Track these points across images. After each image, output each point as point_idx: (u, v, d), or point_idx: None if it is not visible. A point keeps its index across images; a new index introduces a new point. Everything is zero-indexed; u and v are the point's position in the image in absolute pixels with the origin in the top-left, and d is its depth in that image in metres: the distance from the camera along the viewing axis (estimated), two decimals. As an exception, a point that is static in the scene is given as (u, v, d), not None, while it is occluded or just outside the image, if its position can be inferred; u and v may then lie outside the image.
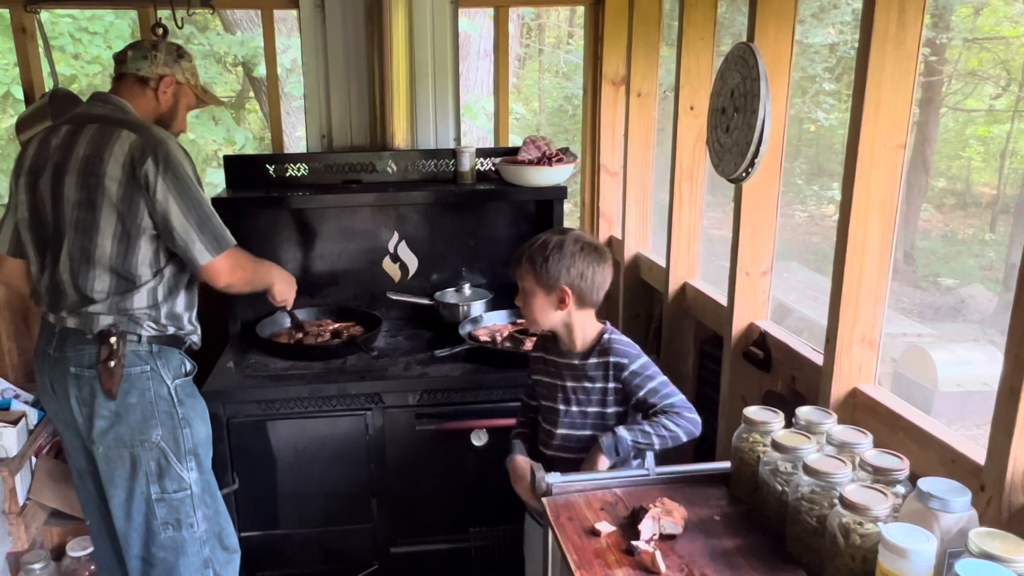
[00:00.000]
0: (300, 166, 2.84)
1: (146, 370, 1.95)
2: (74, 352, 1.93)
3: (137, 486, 1.97)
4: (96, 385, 1.92)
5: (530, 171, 2.73)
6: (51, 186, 1.94)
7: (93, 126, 1.95)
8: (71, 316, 1.93)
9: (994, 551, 1.04)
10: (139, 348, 1.95)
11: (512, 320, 2.78)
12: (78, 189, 1.90)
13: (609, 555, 1.33)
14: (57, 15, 6.31)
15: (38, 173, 1.96)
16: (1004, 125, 9.83)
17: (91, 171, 1.89)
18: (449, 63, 2.92)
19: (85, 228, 1.90)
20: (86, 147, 1.91)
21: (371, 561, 2.54)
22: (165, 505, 1.99)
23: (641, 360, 1.81)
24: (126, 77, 2.08)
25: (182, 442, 1.99)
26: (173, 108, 2.14)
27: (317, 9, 2.82)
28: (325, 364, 2.50)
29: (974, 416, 5.32)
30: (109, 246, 1.91)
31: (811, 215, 10.84)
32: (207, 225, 1.94)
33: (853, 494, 1.19)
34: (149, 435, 1.95)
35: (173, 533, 2.02)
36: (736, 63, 1.98)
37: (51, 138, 1.98)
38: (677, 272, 2.57)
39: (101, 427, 1.93)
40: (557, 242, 1.80)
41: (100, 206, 1.89)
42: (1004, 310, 7.38)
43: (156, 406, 1.96)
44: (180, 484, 2.00)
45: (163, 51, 2.09)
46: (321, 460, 2.44)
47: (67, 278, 1.93)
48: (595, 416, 1.84)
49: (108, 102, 2.04)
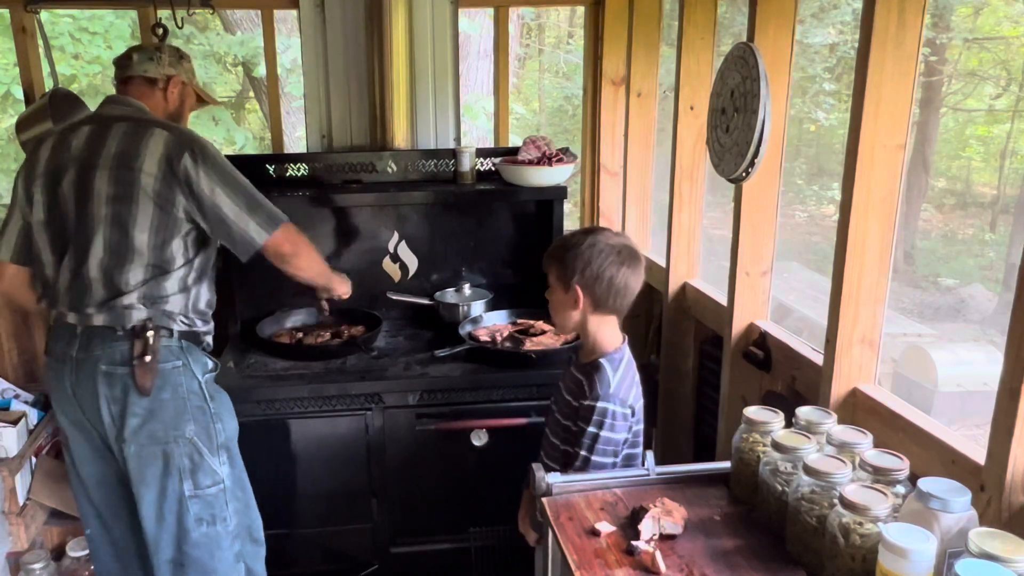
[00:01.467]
0: (300, 166, 2.84)
1: (178, 365, 1.95)
2: (104, 350, 1.91)
3: (170, 483, 1.95)
4: (129, 382, 1.90)
5: (530, 171, 2.73)
6: (77, 183, 1.93)
7: (122, 124, 1.95)
8: (100, 313, 1.91)
9: (994, 551, 1.04)
10: (171, 343, 1.94)
11: (512, 320, 2.78)
12: (112, 183, 1.90)
13: (609, 555, 1.33)
14: (57, 15, 6.30)
15: (58, 173, 1.95)
16: (1004, 125, 9.83)
17: (126, 165, 1.89)
18: (449, 63, 2.92)
19: (120, 221, 1.90)
20: (118, 144, 1.92)
21: (371, 561, 2.54)
22: (199, 501, 1.98)
23: (598, 404, 1.70)
24: (134, 80, 2.08)
25: (214, 436, 1.99)
26: (180, 108, 2.17)
27: (317, 9, 2.82)
28: (325, 364, 2.50)
29: (974, 416, 5.33)
30: (146, 238, 1.90)
31: (811, 215, 10.84)
32: (257, 205, 1.98)
33: (853, 494, 1.19)
34: (183, 430, 1.94)
35: (207, 529, 2.00)
36: (736, 63, 1.98)
37: (69, 139, 1.97)
38: (677, 272, 2.57)
39: (134, 425, 1.91)
40: (581, 240, 1.74)
41: (137, 199, 1.89)
42: (1004, 310, 7.38)
43: (189, 401, 1.95)
44: (214, 479, 1.99)
45: (167, 52, 2.13)
46: (321, 460, 2.44)
47: (96, 273, 1.91)
48: (563, 428, 1.82)
49: (126, 103, 2.05)
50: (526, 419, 2.40)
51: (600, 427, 1.70)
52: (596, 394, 1.71)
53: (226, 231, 1.96)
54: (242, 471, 2.13)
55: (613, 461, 1.73)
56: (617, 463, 1.74)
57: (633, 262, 1.74)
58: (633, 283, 1.75)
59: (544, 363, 2.44)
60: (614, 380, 1.73)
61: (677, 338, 2.62)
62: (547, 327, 2.63)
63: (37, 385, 2.86)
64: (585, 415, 1.72)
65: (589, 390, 1.73)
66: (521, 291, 2.90)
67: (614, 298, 1.73)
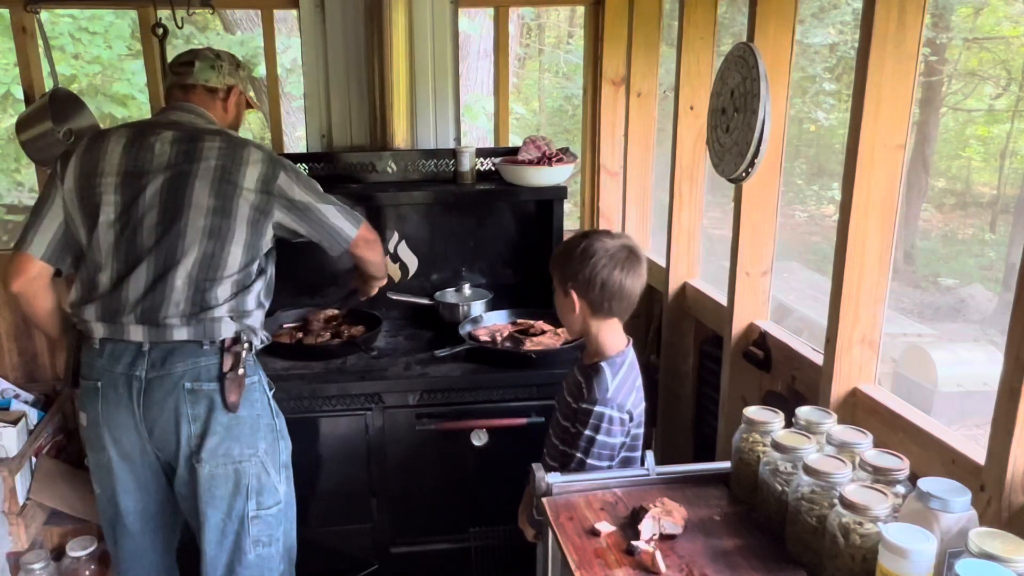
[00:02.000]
0: (300, 166, 2.83)
1: (254, 381, 1.93)
2: (186, 366, 1.84)
3: (237, 503, 1.91)
4: (216, 398, 1.85)
5: (530, 171, 2.73)
6: (167, 190, 1.87)
7: (216, 137, 1.93)
8: (184, 326, 1.84)
9: (994, 551, 1.04)
10: (250, 358, 1.93)
11: (512, 320, 2.78)
12: (213, 196, 1.87)
13: (609, 555, 1.33)
14: (57, 15, 6.30)
15: (141, 176, 1.88)
16: (1004, 125, 9.83)
17: (228, 180, 1.89)
18: (449, 63, 2.92)
19: (219, 235, 1.88)
20: (218, 158, 1.90)
21: (371, 561, 2.54)
22: (260, 522, 1.94)
23: (595, 408, 1.69)
24: (195, 88, 2.04)
25: (279, 454, 1.98)
26: (237, 118, 2.16)
27: (317, 9, 2.82)
28: (325, 364, 2.50)
29: (974, 416, 5.32)
30: (240, 252, 1.90)
31: (811, 215, 10.84)
32: (342, 207, 2.08)
33: (853, 494, 1.19)
34: (256, 448, 1.91)
35: (262, 551, 1.96)
36: (736, 63, 1.98)
37: (150, 141, 1.91)
38: (677, 272, 2.57)
39: (212, 444, 1.86)
40: (576, 244, 1.74)
41: (236, 214, 1.89)
42: (1004, 310, 7.38)
43: (261, 418, 1.93)
44: (275, 498, 1.96)
45: (227, 61, 2.09)
46: (321, 460, 2.44)
47: (182, 284, 1.85)
48: (562, 429, 1.82)
49: (198, 113, 2.02)
50: (526, 419, 2.40)
51: (596, 431, 1.69)
52: (594, 398, 1.70)
53: (324, 229, 2.03)
54: (293, 490, 2.08)
55: (609, 464, 1.72)
56: (613, 467, 1.74)
57: (630, 265, 1.72)
58: (630, 285, 1.73)
59: (544, 363, 2.44)
60: (612, 384, 1.72)
61: (677, 338, 2.62)
62: (547, 327, 2.63)
63: (37, 385, 2.86)
64: (582, 418, 1.72)
65: (587, 393, 1.72)
66: (521, 291, 2.90)
67: (610, 301, 1.72)
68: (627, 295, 1.74)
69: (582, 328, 1.80)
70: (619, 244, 1.74)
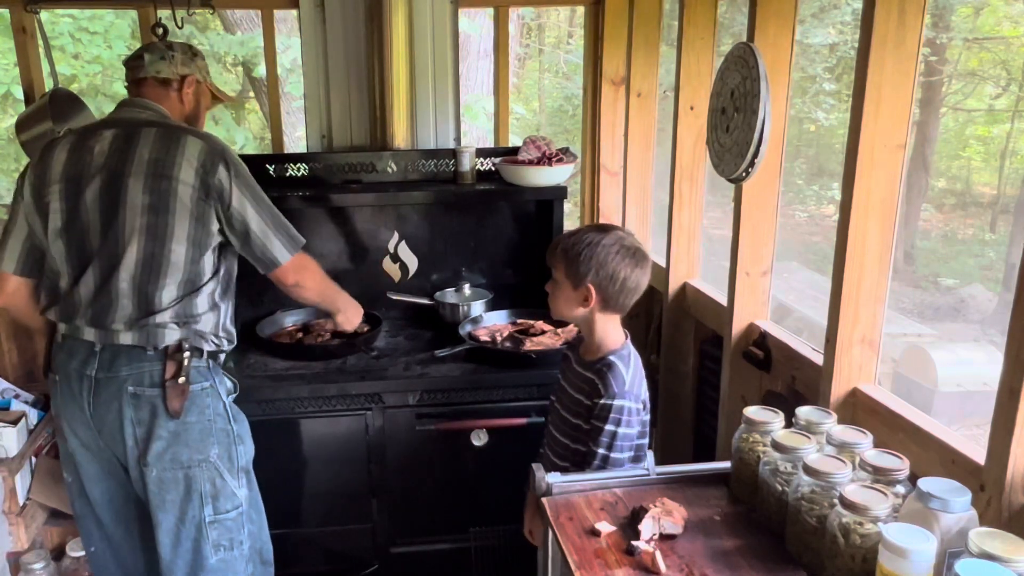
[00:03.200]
0: (300, 166, 2.84)
1: (206, 387, 1.89)
2: (131, 370, 1.83)
3: (190, 509, 1.89)
4: (159, 404, 1.83)
5: (530, 171, 2.73)
6: (105, 191, 1.84)
7: (151, 129, 1.88)
8: (128, 330, 1.83)
9: (994, 551, 1.04)
10: (200, 364, 1.89)
11: (512, 320, 2.78)
12: (146, 193, 1.82)
13: (609, 555, 1.33)
14: (57, 15, 6.30)
15: (80, 180, 1.86)
16: (1004, 125, 9.83)
17: (162, 174, 1.83)
18: (449, 63, 2.92)
19: (157, 233, 1.83)
20: (151, 150, 1.84)
21: (371, 561, 2.54)
22: (218, 526, 1.93)
23: (615, 402, 1.71)
24: (146, 81, 2.00)
25: (236, 459, 1.95)
26: (196, 109, 2.10)
27: (317, 9, 2.82)
28: (325, 364, 2.50)
29: (974, 416, 5.32)
30: (183, 251, 1.85)
31: (811, 215, 10.84)
32: (281, 224, 1.97)
33: (853, 494, 1.19)
34: (207, 454, 1.89)
35: (224, 555, 1.94)
36: (736, 63, 1.98)
37: (91, 144, 1.88)
38: (677, 272, 2.57)
39: (158, 448, 1.84)
40: (593, 239, 1.74)
41: (174, 211, 1.83)
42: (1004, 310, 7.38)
43: (214, 423, 1.90)
44: (233, 503, 1.94)
45: (179, 51, 2.04)
46: (321, 460, 2.44)
47: (127, 287, 1.83)
48: (573, 427, 1.82)
49: (145, 106, 1.97)
50: (526, 419, 2.40)
51: (617, 424, 1.71)
52: (613, 392, 1.72)
53: (250, 243, 1.93)
54: (257, 493, 2.07)
55: (630, 456, 1.74)
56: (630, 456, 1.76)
57: (644, 262, 1.76)
58: (643, 283, 1.77)
59: (544, 363, 2.43)
60: (628, 377, 1.74)
61: (677, 338, 2.62)
62: (547, 327, 2.63)
63: (37, 385, 2.86)
64: (602, 414, 1.72)
65: (605, 389, 1.73)
66: (521, 291, 2.90)
67: (625, 297, 1.75)
68: (639, 292, 1.77)
69: (583, 322, 1.80)
70: (633, 242, 1.77)
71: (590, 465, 1.72)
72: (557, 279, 1.79)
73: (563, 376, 1.91)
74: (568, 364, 1.90)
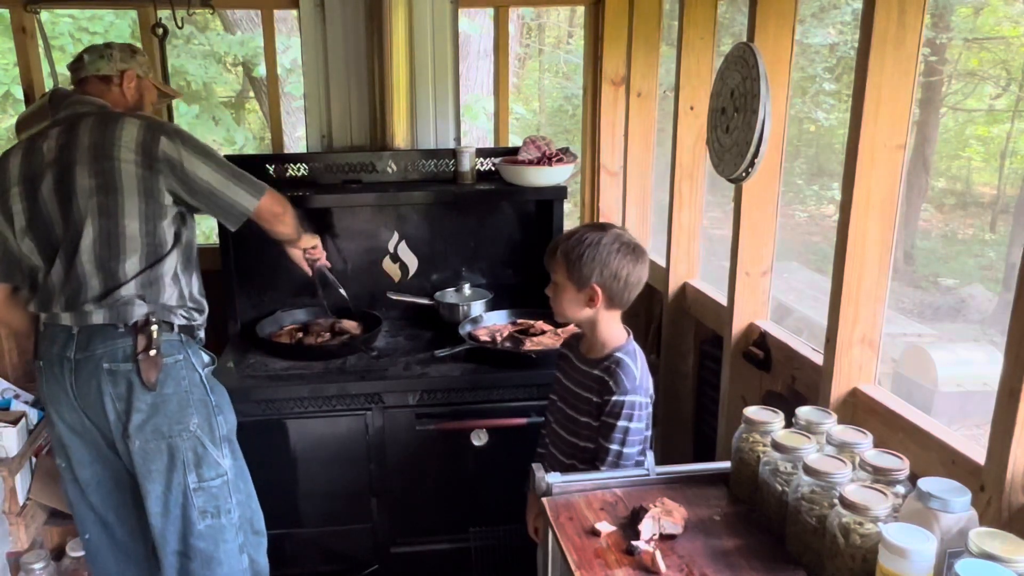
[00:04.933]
0: (300, 166, 2.84)
1: (179, 359, 1.96)
2: (105, 348, 1.91)
3: (175, 477, 1.96)
4: (134, 378, 1.91)
5: (530, 171, 2.73)
6: (57, 183, 1.93)
7: (89, 119, 1.96)
8: (98, 310, 1.91)
9: (994, 551, 1.04)
10: (171, 337, 1.96)
11: (512, 320, 2.78)
12: (92, 176, 1.90)
13: (609, 555, 1.33)
14: (57, 15, 6.30)
15: (35, 178, 1.95)
16: (1004, 125, 9.82)
17: (103, 155, 1.90)
18: (449, 63, 2.92)
19: (108, 212, 1.91)
20: (90, 136, 1.92)
21: (371, 561, 2.54)
22: (203, 493, 1.99)
23: (627, 398, 1.72)
24: (88, 80, 2.10)
25: (216, 429, 2.01)
26: (139, 102, 2.18)
27: (317, 9, 2.82)
28: (325, 364, 2.50)
29: (974, 416, 5.32)
30: (137, 225, 1.92)
31: (811, 215, 10.84)
32: (240, 175, 2.03)
33: (853, 494, 1.19)
34: (187, 423, 1.96)
35: (211, 521, 2.01)
36: (736, 63, 1.98)
37: (39, 144, 1.97)
38: (677, 272, 2.57)
39: (138, 420, 1.92)
40: (593, 239, 1.74)
41: (120, 188, 1.91)
42: (1004, 310, 7.38)
43: (191, 394, 1.97)
44: (217, 471, 2.01)
45: (117, 49, 2.13)
46: (321, 460, 2.44)
47: (91, 267, 1.91)
48: (583, 425, 1.82)
49: (86, 102, 2.05)
50: (526, 419, 2.40)
51: (630, 420, 1.73)
52: (625, 388, 1.73)
53: (216, 202, 2.01)
54: (243, 463, 2.15)
55: (640, 449, 1.76)
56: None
57: (642, 257, 1.79)
58: (644, 277, 1.79)
59: (544, 363, 2.43)
60: (638, 372, 1.76)
61: (677, 338, 2.62)
62: (547, 327, 2.63)
63: (37, 385, 2.86)
64: (614, 410, 1.73)
65: (616, 385, 1.74)
66: (521, 291, 2.90)
67: (629, 293, 1.77)
68: (640, 285, 1.79)
69: (587, 321, 1.81)
70: (630, 238, 1.79)
71: (603, 461, 1.74)
72: (558, 282, 1.79)
73: (564, 375, 1.91)
74: (568, 363, 1.90)
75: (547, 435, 1.96)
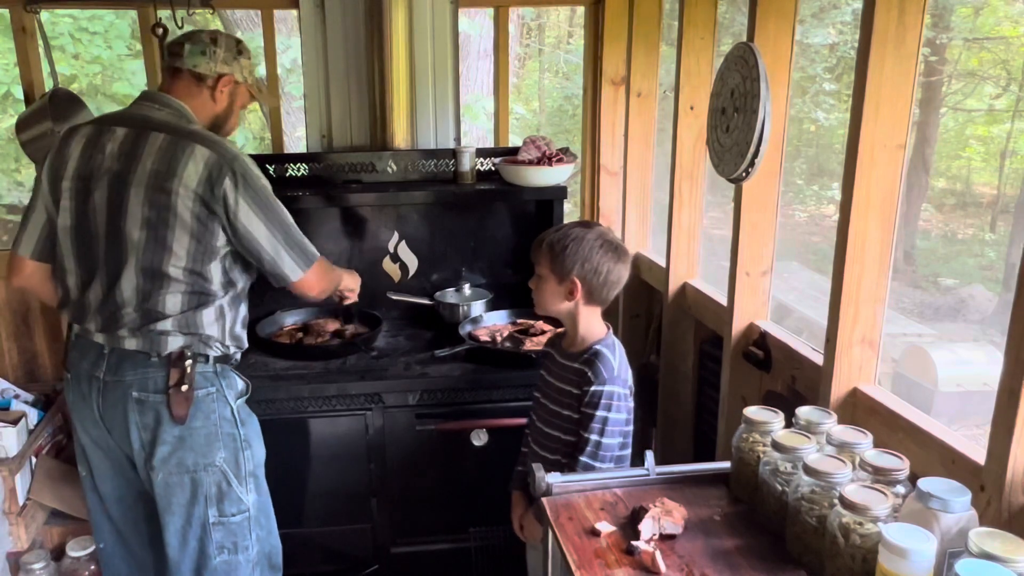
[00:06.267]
0: (300, 166, 2.84)
1: (212, 392, 1.88)
2: (136, 376, 1.84)
3: (196, 511, 1.90)
4: (163, 410, 1.83)
5: (530, 171, 2.73)
6: (109, 198, 1.83)
7: (160, 136, 1.84)
8: (132, 337, 1.83)
9: (994, 551, 1.04)
10: (206, 369, 1.88)
11: (512, 320, 2.78)
12: (147, 205, 1.80)
13: (609, 555, 1.33)
14: (57, 15, 6.30)
15: (90, 179, 1.85)
16: (1004, 125, 9.82)
17: (162, 188, 1.80)
18: (449, 63, 2.92)
19: (156, 247, 1.81)
20: (155, 161, 1.81)
21: (371, 561, 2.54)
22: (222, 529, 1.93)
23: (605, 387, 1.77)
24: (182, 73, 1.95)
25: (243, 464, 1.94)
26: (228, 108, 2.04)
27: (317, 9, 2.82)
28: (325, 364, 2.50)
29: (974, 416, 5.32)
30: (183, 265, 1.82)
31: (811, 215, 10.83)
32: (293, 240, 1.92)
33: (853, 494, 1.19)
34: (212, 458, 1.88)
35: (228, 557, 1.95)
36: (736, 63, 1.98)
37: (103, 141, 1.86)
38: (677, 272, 2.57)
39: (163, 453, 1.85)
40: (578, 234, 1.80)
41: (173, 226, 1.80)
42: (1004, 310, 7.38)
43: (220, 428, 1.89)
44: (239, 507, 1.94)
45: (223, 47, 1.97)
46: (321, 460, 2.44)
47: (131, 296, 1.83)
48: (564, 419, 1.85)
49: (166, 104, 1.93)
50: (526, 419, 2.40)
51: (608, 410, 1.77)
52: (603, 378, 1.77)
53: (259, 260, 1.90)
54: (267, 497, 2.07)
55: (620, 442, 1.79)
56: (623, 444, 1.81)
57: (625, 257, 1.84)
58: (624, 277, 1.84)
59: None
60: (616, 363, 1.80)
61: (677, 338, 2.62)
62: (547, 327, 2.63)
63: (37, 385, 2.86)
64: (593, 400, 1.77)
65: (595, 376, 1.78)
66: (521, 291, 2.87)
67: (608, 290, 1.82)
68: (620, 286, 1.84)
69: (570, 315, 1.85)
70: (613, 237, 1.84)
71: (582, 451, 1.77)
72: (542, 274, 1.84)
73: (547, 371, 1.95)
74: (551, 359, 1.94)
75: (530, 433, 1.98)
